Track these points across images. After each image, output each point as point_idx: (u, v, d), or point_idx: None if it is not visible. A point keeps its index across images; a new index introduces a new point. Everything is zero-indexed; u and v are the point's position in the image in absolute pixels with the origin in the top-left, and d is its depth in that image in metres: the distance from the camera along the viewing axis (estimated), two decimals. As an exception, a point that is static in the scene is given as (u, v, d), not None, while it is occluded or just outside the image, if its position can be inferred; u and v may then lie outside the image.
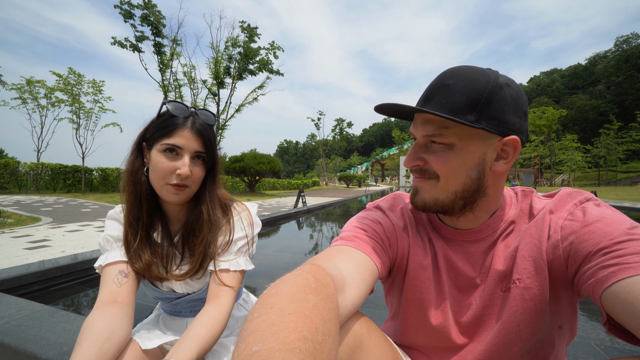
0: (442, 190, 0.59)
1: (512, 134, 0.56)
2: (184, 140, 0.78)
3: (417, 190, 0.63)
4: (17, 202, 9.71)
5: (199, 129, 0.81)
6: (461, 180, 0.58)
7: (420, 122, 0.59)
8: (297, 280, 0.38)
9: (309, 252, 3.70)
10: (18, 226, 5.29)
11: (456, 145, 0.56)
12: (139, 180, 0.82)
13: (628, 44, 77.46)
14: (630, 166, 51.07)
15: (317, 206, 8.88)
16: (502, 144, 0.56)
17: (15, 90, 16.72)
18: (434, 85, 0.58)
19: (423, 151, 0.60)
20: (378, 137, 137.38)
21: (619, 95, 71.01)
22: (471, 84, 0.54)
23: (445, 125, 0.55)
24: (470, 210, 0.62)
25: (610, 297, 0.43)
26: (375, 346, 0.54)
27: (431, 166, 0.59)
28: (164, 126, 0.79)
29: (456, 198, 0.59)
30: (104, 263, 0.79)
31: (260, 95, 20.47)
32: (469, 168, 0.57)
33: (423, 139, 0.59)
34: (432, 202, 0.61)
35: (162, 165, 0.77)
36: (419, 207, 0.63)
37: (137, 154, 0.83)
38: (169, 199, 0.80)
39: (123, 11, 15.71)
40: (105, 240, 0.83)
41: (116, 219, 0.87)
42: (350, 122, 43.72)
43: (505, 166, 0.58)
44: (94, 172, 16.90)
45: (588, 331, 1.67)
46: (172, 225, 0.90)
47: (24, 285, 2.05)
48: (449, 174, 0.58)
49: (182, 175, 0.77)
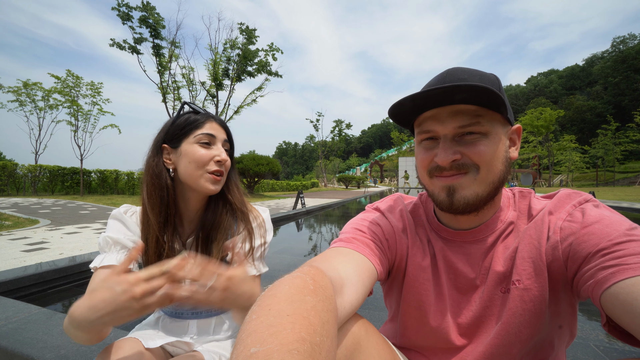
0: (481, 182, 0.56)
1: (516, 123, 0.61)
2: (214, 130, 0.85)
3: (453, 189, 0.57)
4: (15, 204, 9.67)
5: (221, 121, 0.89)
6: (498, 169, 0.57)
7: (448, 115, 0.55)
8: (295, 282, 0.38)
9: (308, 253, 3.70)
10: (16, 228, 5.27)
11: (490, 133, 0.56)
12: (165, 184, 0.82)
13: (625, 44, 77.85)
14: (627, 166, 51.24)
15: (316, 207, 8.88)
16: (512, 131, 0.60)
17: (12, 93, 16.67)
18: (449, 81, 0.56)
19: (455, 145, 0.56)
20: (377, 139, 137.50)
21: (616, 96, 71.35)
22: (484, 76, 0.57)
23: (478, 113, 0.55)
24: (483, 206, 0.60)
25: (609, 299, 0.43)
26: (374, 348, 0.54)
27: (469, 158, 0.56)
28: (191, 121, 0.84)
29: (492, 190, 0.57)
30: (99, 265, 0.77)
31: (259, 97, 20.49)
32: (501, 156, 0.57)
33: (454, 131, 0.56)
34: (473, 199, 0.57)
35: (200, 153, 0.81)
36: (461, 207, 0.57)
37: (159, 158, 0.83)
38: (207, 188, 0.82)
39: (121, 13, 15.70)
40: (105, 241, 0.81)
41: (120, 219, 0.85)
42: (349, 124, 43.80)
43: (516, 152, 0.61)
44: (93, 174, 16.83)
45: (587, 332, 1.68)
46: (183, 227, 0.91)
47: (21, 288, 2.04)
48: (489, 163, 0.55)
49: (222, 160, 0.83)
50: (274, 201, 13.44)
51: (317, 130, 42.24)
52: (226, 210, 0.90)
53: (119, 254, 0.79)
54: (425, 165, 0.60)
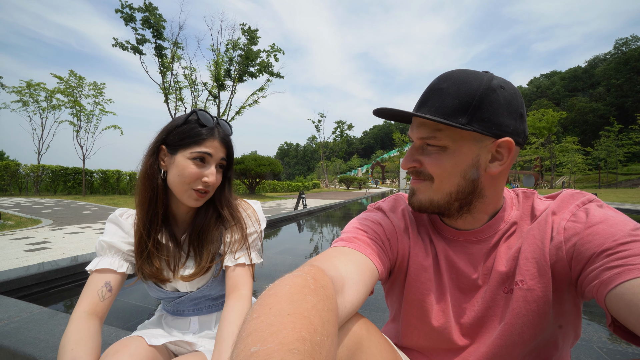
0: (436, 191, 0.61)
1: (506, 135, 0.56)
2: (213, 149, 0.82)
3: (413, 192, 0.65)
4: (18, 204, 9.71)
5: (224, 138, 0.86)
6: (455, 182, 0.59)
7: (416, 125, 0.61)
8: (296, 281, 0.38)
9: (309, 254, 3.69)
10: (18, 228, 5.29)
11: (449, 148, 0.58)
12: (156, 185, 0.83)
13: (627, 46, 77.62)
14: (630, 168, 51.02)
15: (317, 208, 8.88)
16: (496, 145, 0.56)
17: (16, 93, 16.77)
18: (429, 90, 0.60)
19: (419, 153, 0.62)
20: (378, 140, 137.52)
21: (619, 98, 71.09)
22: (463, 87, 0.55)
23: (438, 128, 0.57)
24: (468, 211, 0.62)
25: (615, 299, 0.43)
26: (375, 347, 0.54)
27: (426, 168, 0.61)
28: (194, 134, 0.81)
29: (451, 199, 0.61)
30: (94, 268, 0.79)
31: (260, 97, 20.54)
32: (462, 170, 0.58)
33: (419, 142, 0.62)
34: (427, 203, 0.63)
35: (190, 171, 0.80)
36: (415, 207, 0.65)
37: (155, 158, 0.84)
38: (189, 203, 0.83)
39: (124, 15, 15.79)
40: (100, 245, 0.83)
41: (116, 222, 0.87)
42: (350, 125, 43.87)
43: (501, 167, 0.58)
44: (95, 174, 16.91)
45: (590, 334, 1.67)
46: (177, 226, 0.91)
47: (24, 288, 2.04)
48: (442, 175, 0.59)
49: (210, 183, 0.81)
50: (275, 202, 13.44)
51: (318, 131, 42.35)
52: (216, 214, 0.91)
53: (114, 258, 0.82)
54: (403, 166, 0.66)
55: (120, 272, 0.80)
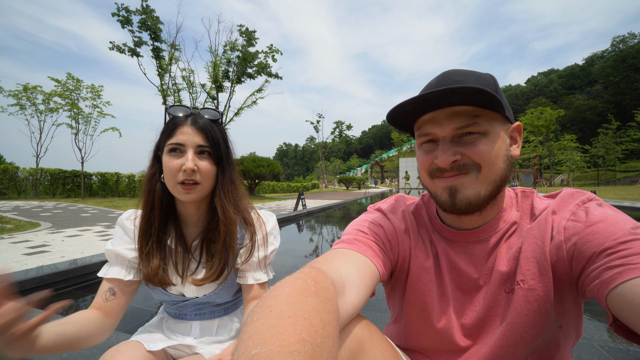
0: (483, 181, 0.56)
1: (515, 121, 0.61)
2: (184, 136, 0.80)
3: (455, 189, 0.57)
4: (16, 207, 9.68)
5: (200, 124, 0.82)
6: (499, 168, 0.57)
7: (446, 117, 0.56)
8: (296, 283, 0.38)
9: (309, 254, 3.69)
10: (17, 232, 5.27)
11: (489, 132, 0.56)
12: (153, 187, 0.84)
13: (625, 44, 77.76)
14: (629, 165, 51.11)
15: (317, 209, 8.88)
16: (514, 129, 0.60)
17: (13, 97, 16.71)
18: (444, 84, 0.57)
19: (455, 146, 0.57)
20: (377, 139, 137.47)
21: (617, 95, 71.25)
22: (480, 77, 0.57)
23: (476, 114, 0.55)
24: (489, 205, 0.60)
25: (616, 299, 0.42)
26: (377, 349, 0.54)
27: (470, 158, 0.56)
28: (167, 129, 0.83)
29: (494, 189, 0.57)
30: (103, 276, 0.83)
31: (259, 98, 20.50)
32: (503, 154, 0.58)
33: (452, 133, 0.56)
34: (475, 198, 0.57)
35: (169, 164, 0.79)
36: (464, 207, 0.58)
37: (154, 162, 0.86)
38: (181, 198, 0.82)
39: (121, 17, 15.75)
40: (107, 253, 0.86)
41: (121, 225, 0.88)
42: (349, 125, 43.83)
43: (518, 150, 0.61)
44: (94, 176, 16.85)
45: (591, 332, 1.67)
46: (187, 230, 0.91)
47: (22, 292, 2.03)
48: (490, 161, 0.56)
49: (187, 169, 0.77)
50: (274, 202, 13.43)
51: (317, 131, 42.28)
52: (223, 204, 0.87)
53: (120, 267, 0.84)
54: (426, 167, 0.61)
55: (126, 280, 0.83)
